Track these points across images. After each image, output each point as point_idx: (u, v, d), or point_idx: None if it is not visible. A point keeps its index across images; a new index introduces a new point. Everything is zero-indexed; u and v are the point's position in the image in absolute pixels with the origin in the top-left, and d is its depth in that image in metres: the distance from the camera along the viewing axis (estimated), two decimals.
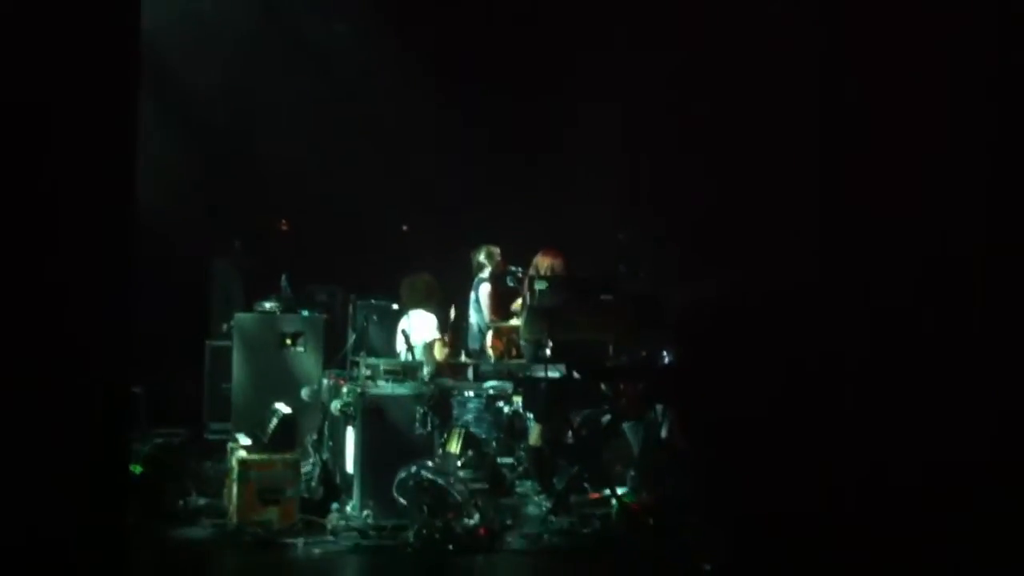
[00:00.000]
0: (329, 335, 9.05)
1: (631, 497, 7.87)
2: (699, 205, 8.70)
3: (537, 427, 8.37)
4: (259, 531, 6.97)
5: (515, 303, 9.39)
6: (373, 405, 7.39)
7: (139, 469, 7.35)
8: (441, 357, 8.64)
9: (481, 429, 8.17)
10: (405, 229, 12.21)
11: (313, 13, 11.00)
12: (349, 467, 7.54)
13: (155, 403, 9.06)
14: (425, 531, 6.83)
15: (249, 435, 7.55)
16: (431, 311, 8.73)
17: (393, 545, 6.87)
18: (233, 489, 7.25)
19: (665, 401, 8.13)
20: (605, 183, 10.88)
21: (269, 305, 8.98)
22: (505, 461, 8.28)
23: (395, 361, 8.02)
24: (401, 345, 8.34)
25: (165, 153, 10.06)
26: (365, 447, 7.36)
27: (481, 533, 6.95)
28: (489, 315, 9.45)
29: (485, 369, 8.75)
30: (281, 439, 7.42)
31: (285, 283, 9.06)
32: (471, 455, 7.45)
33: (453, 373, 8.68)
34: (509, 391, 8.43)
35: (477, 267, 9.62)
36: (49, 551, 3.62)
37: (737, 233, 7.49)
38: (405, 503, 7.05)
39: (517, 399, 8.40)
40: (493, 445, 8.12)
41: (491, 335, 9.41)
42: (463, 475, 7.22)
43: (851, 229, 5.20)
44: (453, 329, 9.26)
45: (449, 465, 7.23)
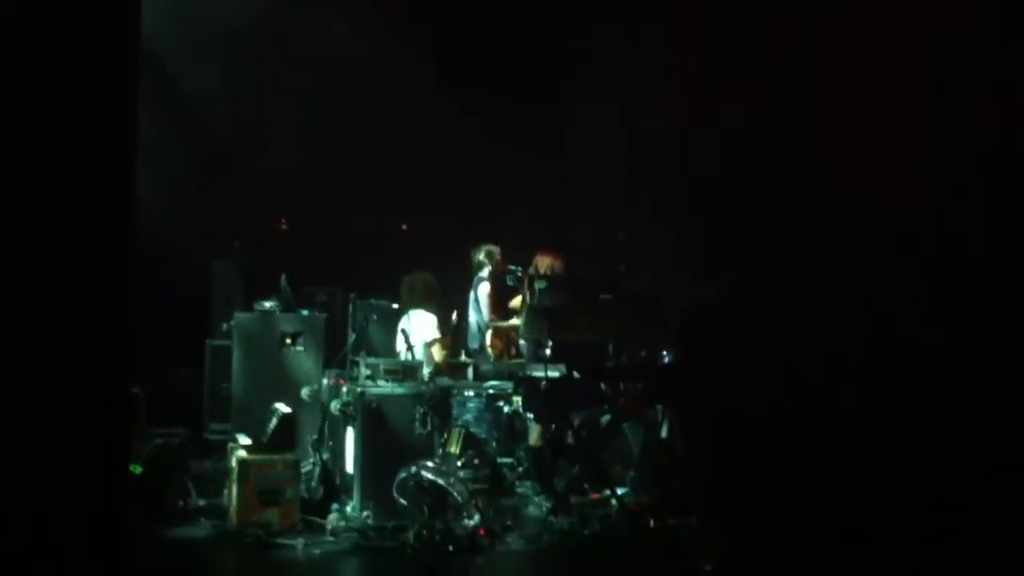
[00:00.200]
0: (329, 335, 9.04)
1: (631, 497, 7.87)
2: (699, 205, 8.70)
3: (537, 427, 8.37)
4: (259, 532, 6.97)
5: (514, 300, 9.39)
6: (373, 405, 7.39)
7: (139, 469, 7.35)
8: (441, 357, 8.64)
9: (481, 429, 8.17)
10: (404, 228, 12.21)
11: (313, 13, 11.00)
12: (349, 467, 7.53)
13: (155, 403, 9.06)
14: (425, 532, 6.83)
15: (249, 435, 7.54)
16: (431, 311, 8.72)
17: (393, 546, 6.86)
18: (233, 489, 7.25)
19: (665, 401, 8.13)
20: (605, 183, 10.88)
21: (269, 305, 8.97)
22: (505, 461, 8.28)
23: (395, 361, 8.02)
24: (401, 345, 8.34)
25: (165, 154, 10.06)
26: (365, 447, 7.36)
27: (481, 534, 6.94)
28: (488, 314, 9.45)
29: (485, 369, 8.76)
30: (281, 439, 7.42)
31: (285, 283, 9.05)
32: (471, 455, 7.42)
33: (453, 373, 8.68)
34: (509, 391, 8.43)
35: (477, 266, 9.61)
36: (49, 551, 3.62)
37: (737, 232, 7.48)
38: (405, 503, 7.05)
39: (517, 399, 8.40)
40: (493, 445, 8.12)
41: (490, 334, 9.41)
42: (463, 475, 7.20)
43: (851, 227, 5.20)
44: (453, 329, 9.25)
45: (449, 465, 7.22)
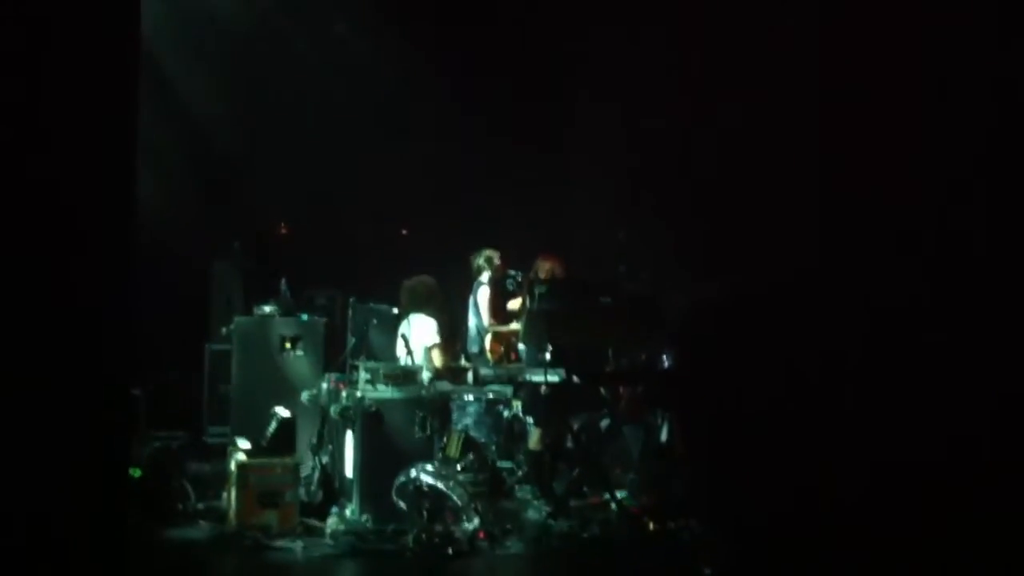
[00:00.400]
0: (329, 339, 9.02)
1: (631, 501, 7.86)
2: (699, 204, 8.70)
3: (537, 431, 8.36)
4: (258, 535, 6.96)
5: (512, 302, 9.37)
6: (372, 409, 7.39)
7: (138, 472, 7.34)
8: (440, 362, 8.63)
9: (481, 433, 8.16)
10: (404, 233, 12.20)
11: (313, 13, 10.99)
12: (348, 471, 7.52)
13: (154, 406, 9.04)
14: (424, 535, 6.82)
15: (248, 438, 7.53)
16: (431, 315, 8.71)
17: (392, 549, 6.85)
18: (232, 492, 7.24)
19: (664, 405, 8.12)
20: (605, 183, 10.88)
21: (268, 308, 8.96)
22: (505, 465, 8.26)
23: (394, 365, 8.01)
24: (401, 349, 8.33)
25: (165, 154, 10.05)
26: (364, 451, 7.36)
27: (480, 537, 6.94)
28: (487, 319, 9.44)
29: (485, 373, 8.74)
30: (280, 442, 7.41)
31: (284, 287, 9.04)
32: (471, 459, 7.42)
33: (453, 377, 8.66)
34: (509, 395, 8.42)
35: (476, 271, 9.60)
36: (49, 551, 3.62)
37: (737, 232, 7.47)
38: (404, 507, 7.04)
39: (517, 403, 8.39)
40: (493, 449, 8.11)
41: (489, 339, 9.40)
42: (462, 479, 7.19)
43: (851, 227, 5.20)
44: (453, 334, 9.25)
45: (448, 469, 7.21)
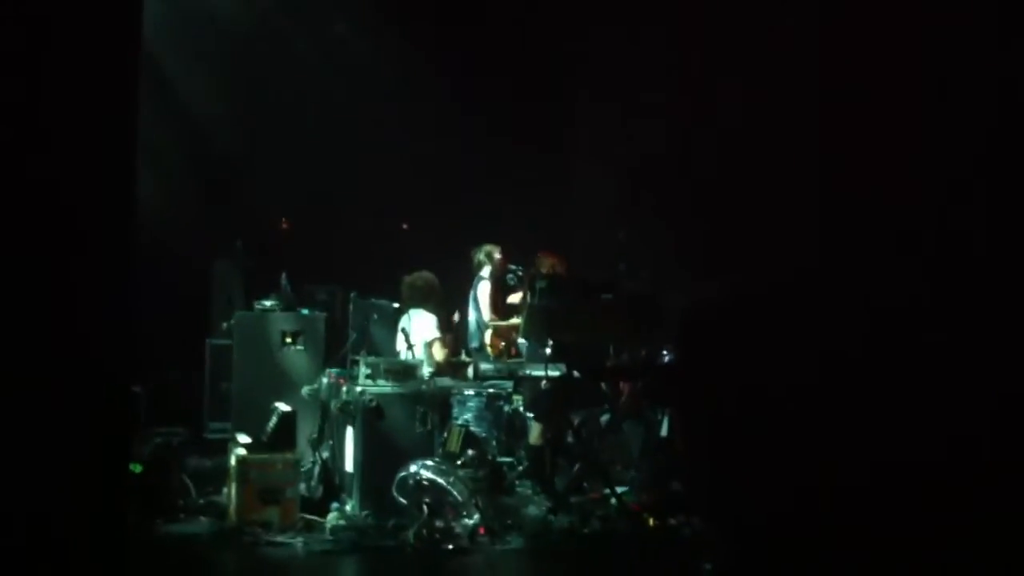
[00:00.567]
0: (329, 334, 9.02)
1: (631, 497, 7.87)
2: (699, 205, 8.69)
3: (537, 426, 8.36)
4: (258, 530, 6.97)
5: (512, 297, 9.37)
6: (373, 404, 7.39)
7: (139, 468, 7.34)
8: (441, 357, 8.63)
9: (481, 428, 8.16)
10: (405, 228, 12.19)
11: (313, 14, 10.98)
12: (349, 466, 7.53)
13: (155, 402, 9.04)
14: (425, 531, 6.83)
15: (249, 434, 7.54)
16: (431, 310, 8.72)
17: (393, 545, 6.86)
18: (232, 488, 7.25)
19: (665, 401, 8.13)
20: (605, 183, 10.87)
21: (269, 304, 8.96)
22: (505, 460, 8.28)
23: (395, 360, 8.01)
24: (401, 344, 8.33)
25: (166, 153, 10.05)
26: (365, 446, 7.36)
27: (481, 533, 6.95)
28: (487, 314, 9.44)
29: (485, 368, 8.75)
30: (281, 438, 7.41)
31: (285, 282, 9.03)
32: (471, 454, 7.43)
33: (453, 372, 8.67)
34: (509, 390, 8.42)
35: (477, 266, 9.61)
36: (49, 551, 3.62)
37: (737, 232, 7.47)
38: (405, 502, 7.05)
39: (517, 398, 8.40)
40: (493, 444, 8.12)
41: (490, 334, 9.40)
42: (463, 474, 7.20)
43: (851, 227, 5.19)
44: (454, 329, 9.25)
45: (449, 465, 7.22)
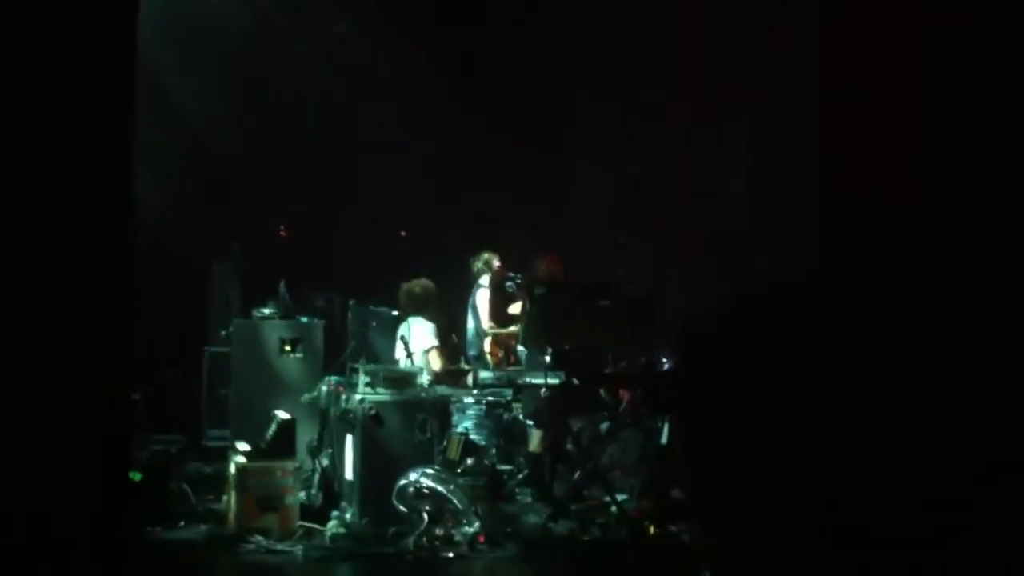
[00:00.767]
0: (328, 341, 9.00)
1: (631, 504, 7.85)
2: (699, 205, 8.69)
3: (537, 434, 8.35)
4: (258, 538, 6.94)
5: (514, 306, 9.36)
6: (372, 412, 7.37)
7: (138, 476, 7.32)
8: (440, 364, 8.61)
9: (481, 436, 8.14)
10: (404, 235, 12.19)
11: (312, 14, 10.97)
12: (348, 474, 7.50)
13: (154, 409, 9.03)
14: (425, 538, 6.81)
15: (248, 441, 7.51)
16: (430, 318, 8.70)
17: (393, 552, 6.83)
18: (232, 496, 7.22)
19: (664, 407, 8.11)
20: (605, 183, 10.87)
21: (267, 311, 8.94)
22: (505, 468, 8.26)
23: (394, 368, 7.99)
24: (400, 352, 8.31)
25: (165, 155, 10.03)
26: (364, 454, 7.34)
27: (481, 540, 6.92)
28: (486, 322, 9.42)
29: (484, 377, 8.73)
30: (280, 445, 7.39)
31: (283, 289, 9.02)
32: (471, 462, 7.41)
33: (452, 380, 8.65)
34: (508, 398, 8.40)
35: (475, 274, 9.59)
36: (49, 551, 3.60)
37: (738, 232, 7.47)
38: (405, 510, 7.02)
39: (517, 406, 8.38)
40: (493, 452, 8.10)
41: (489, 342, 9.38)
42: (463, 482, 7.18)
43: (851, 227, 5.18)
44: (453, 336, 9.23)
45: (448, 472, 7.20)
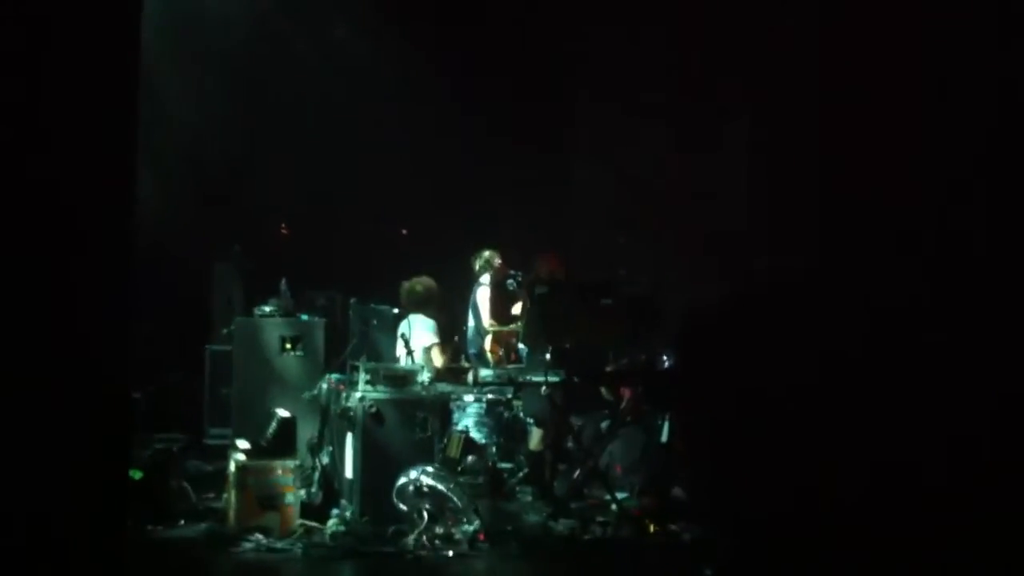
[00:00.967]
0: (329, 339, 9.01)
1: (632, 502, 7.85)
2: (700, 205, 8.69)
3: (537, 432, 8.35)
4: (258, 536, 6.95)
5: (516, 307, 9.36)
6: (373, 410, 7.38)
7: (139, 474, 7.33)
8: (440, 362, 8.62)
9: (481, 434, 8.15)
10: (404, 233, 12.19)
11: (312, 14, 10.98)
12: (349, 472, 7.51)
13: (155, 408, 9.03)
14: (425, 537, 6.82)
15: (248, 439, 7.52)
16: (430, 315, 8.70)
17: (393, 551, 6.84)
18: (232, 494, 7.23)
19: (665, 405, 8.12)
20: (605, 183, 10.87)
21: (268, 309, 8.94)
22: (505, 466, 8.26)
23: (394, 366, 7.99)
24: (400, 350, 8.32)
25: (165, 155, 10.03)
26: (365, 452, 7.34)
27: (481, 539, 6.93)
28: (487, 320, 9.42)
29: (485, 375, 8.74)
30: (280, 443, 7.40)
31: (284, 287, 9.02)
32: (471, 460, 7.42)
33: (453, 377, 8.65)
34: (509, 396, 8.41)
35: (479, 271, 9.59)
36: (49, 551, 3.61)
37: (738, 232, 7.47)
38: (405, 509, 7.03)
39: (517, 404, 8.38)
40: (493, 450, 8.11)
41: (489, 340, 9.38)
42: (463, 480, 7.19)
43: (851, 227, 5.19)
44: (454, 334, 9.23)
45: (449, 470, 7.21)
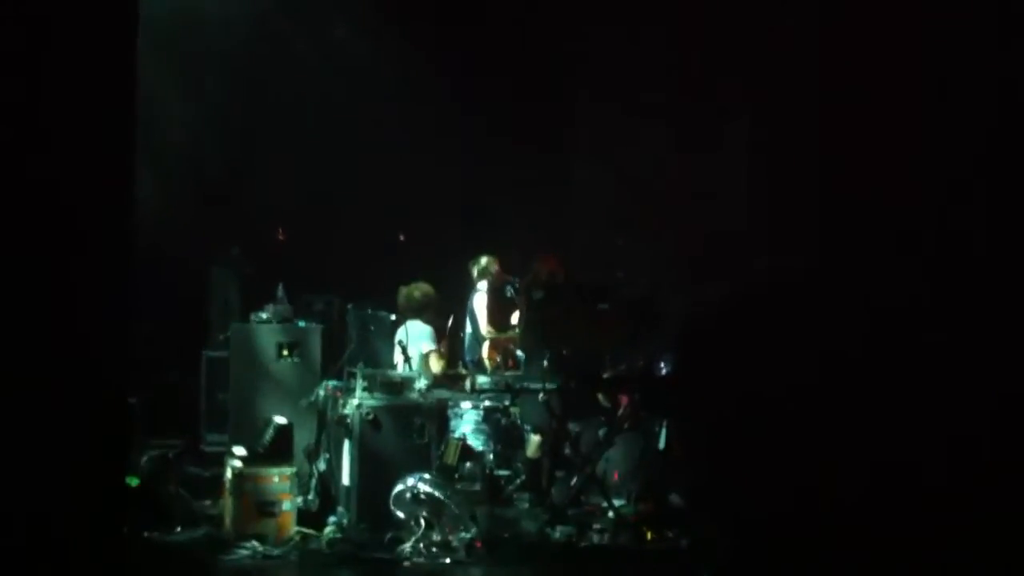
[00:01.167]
0: (326, 345, 8.99)
1: (629, 509, 7.84)
2: (699, 206, 8.69)
3: (535, 439, 8.33)
4: (254, 543, 6.93)
5: (516, 316, 9.34)
6: (370, 417, 7.36)
7: (136, 480, 7.30)
8: (438, 368, 8.60)
9: (479, 441, 8.11)
10: (402, 239, 12.18)
11: (312, 14, 10.96)
12: (346, 479, 7.49)
13: (152, 413, 9.01)
14: (422, 544, 6.81)
15: (245, 446, 7.50)
16: (428, 321, 8.69)
17: (390, 558, 6.83)
18: (228, 501, 7.21)
19: (662, 411, 8.11)
20: (605, 184, 10.87)
21: (265, 315, 8.92)
22: (502, 473, 8.23)
23: (391, 373, 7.98)
24: (398, 356, 8.30)
25: (164, 156, 10.01)
26: (362, 459, 7.33)
27: (478, 546, 6.92)
28: (484, 326, 9.40)
29: (482, 382, 8.71)
30: (277, 450, 7.38)
31: (281, 293, 9.00)
32: (468, 467, 7.40)
33: (450, 384, 8.63)
34: (507, 402, 8.38)
35: (477, 277, 9.57)
36: (49, 551, 3.60)
37: (737, 233, 7.46)
38: (402, 516, 7.01)
39: (514, 410, 8.36)
40: (490, 457, 8.08)
41: (487, 346, 9.36)
42: (460, 487, 7.18)
43: (851, 227, 5.19)
44: (451, 340, 9.21)
45: (446, 477, 7.19)
